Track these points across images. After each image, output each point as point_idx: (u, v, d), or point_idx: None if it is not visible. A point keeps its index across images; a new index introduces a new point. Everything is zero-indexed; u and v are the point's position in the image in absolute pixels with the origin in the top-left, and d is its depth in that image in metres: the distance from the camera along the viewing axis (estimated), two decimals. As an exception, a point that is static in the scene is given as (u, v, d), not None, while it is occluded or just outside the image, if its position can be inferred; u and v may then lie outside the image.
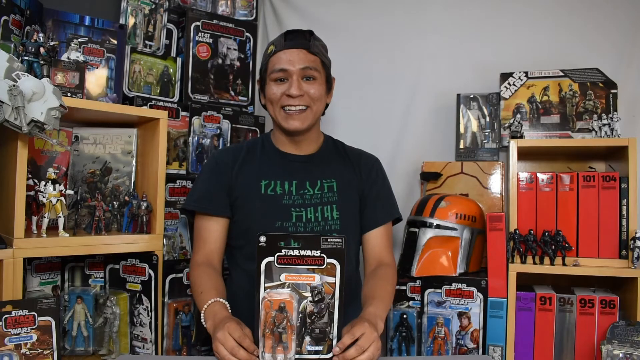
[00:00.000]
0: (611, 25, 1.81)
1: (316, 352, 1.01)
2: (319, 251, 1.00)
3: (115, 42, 1.63)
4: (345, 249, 1.00)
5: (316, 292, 1.00)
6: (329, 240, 1.00)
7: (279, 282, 1.00)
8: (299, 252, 1.00)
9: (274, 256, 1.00)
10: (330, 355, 1.02)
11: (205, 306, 1.18)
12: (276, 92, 1.33)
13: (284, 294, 0.99)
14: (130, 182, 1.52)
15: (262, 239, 1.00)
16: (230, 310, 1.18)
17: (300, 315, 1.00)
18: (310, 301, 1.00)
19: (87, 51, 1.55)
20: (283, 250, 1.00)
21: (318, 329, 1.01)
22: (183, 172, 1.76)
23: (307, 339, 1.01)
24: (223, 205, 1.36)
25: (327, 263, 1.00)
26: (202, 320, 1.18)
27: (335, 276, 1.01)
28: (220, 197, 1.36)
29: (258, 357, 1.00)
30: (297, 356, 1.00)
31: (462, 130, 1.90)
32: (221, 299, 1.20)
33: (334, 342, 1.02)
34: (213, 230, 1.36)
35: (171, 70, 1.82)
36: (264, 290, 0.99)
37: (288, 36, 1.33)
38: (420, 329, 1.59)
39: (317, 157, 1.43)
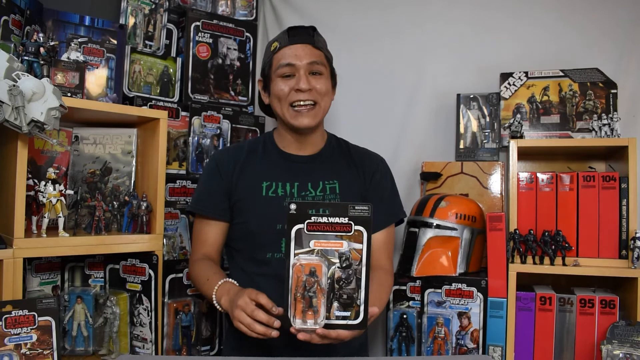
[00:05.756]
0: (611, 25, 1.80)
1: (344, 318, 1.04)
2: (346, 218, 1.04)
3: (115, 42, 1.62)
4: (371, 217, 1.04)
5: (344, 258, 1.04)
6: (356, 207, 1.04)
7: (308, 249, 1.04)
8: (328, 220, 1.04)
9: (303, 223, 1.04)
10: (358, 321, 1.04)
11: (216, 287, 1.20)
12: (284, 88, 1.31)
13: (312, 260, 1.03)
14: (130, 182, 1.52)
15: (293, 206, 1.04)
16: None
17: (329, 281, 1.04)
18: (338, 267, 1.04)
19: (87, 51, 1.55)
20: (313, 218, 1.04)
21: (346, 295, 1.04)
22: (183, 172, 1.76)
23: (335, 304, 1.04)
24: (221, 208, 1.35)
25: (355, 230, 1.04)
26: (215, 303, 1.19)
27: (362, 243, 1.04)
28: (218, 200, 1.35)
29: (279, 316, 1.05)
30: (325, 321, 1.03)
31: (462, 130, 1.90)
32: (230, 279, 1.22)
33: (361, 307, 1.04)
34: (210, 233, 1.37)
35: (171, 70, 1.82)
36: (294, 256, 1.03)
37: (291, 32, 1.33)
38: (420, 329, 1.59)
39: (319, 158, 1.41)
